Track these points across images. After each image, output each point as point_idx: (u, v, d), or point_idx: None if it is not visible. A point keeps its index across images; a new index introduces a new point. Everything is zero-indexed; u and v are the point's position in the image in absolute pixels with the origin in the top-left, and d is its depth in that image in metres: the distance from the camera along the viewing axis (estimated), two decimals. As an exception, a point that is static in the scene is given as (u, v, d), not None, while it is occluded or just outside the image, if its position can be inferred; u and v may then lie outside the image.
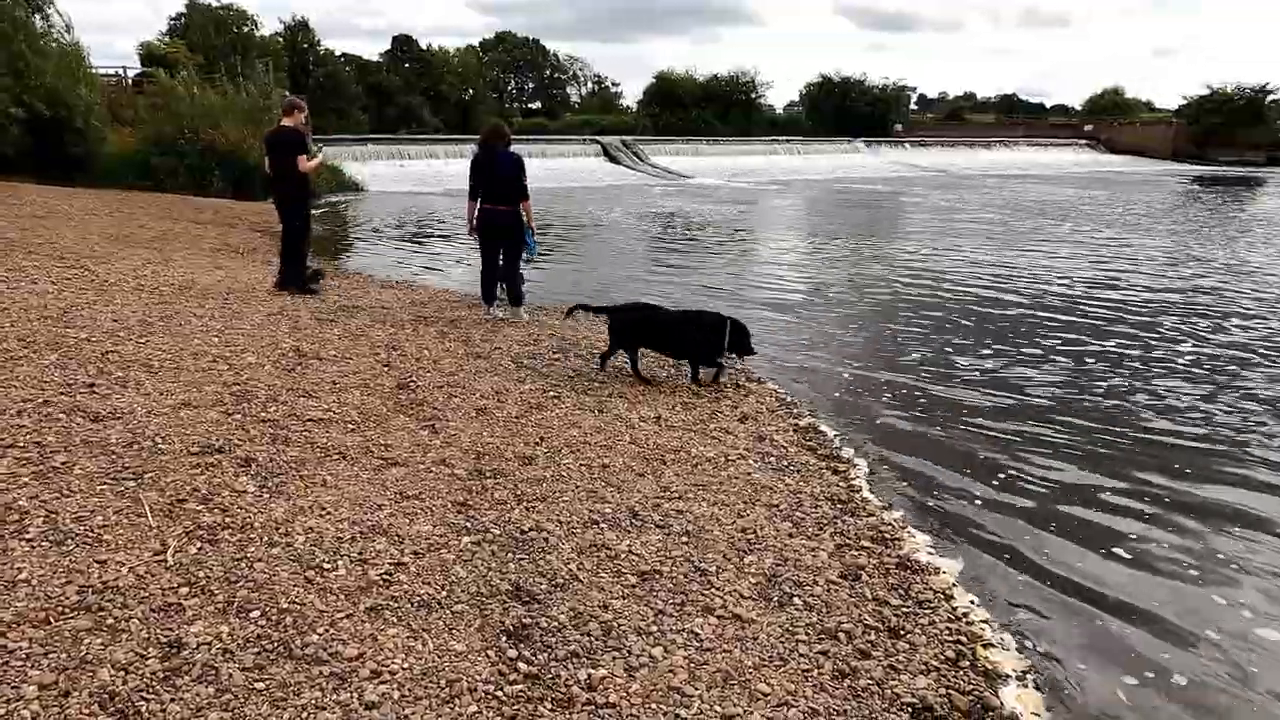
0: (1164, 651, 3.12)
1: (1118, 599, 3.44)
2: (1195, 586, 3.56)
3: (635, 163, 34.50)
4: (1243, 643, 3.18)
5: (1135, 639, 3.19)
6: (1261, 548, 3.86)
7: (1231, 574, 3.66)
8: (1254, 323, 8.51)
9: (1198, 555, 3.81)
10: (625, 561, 3.34)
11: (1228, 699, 2.87)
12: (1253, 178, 38.13)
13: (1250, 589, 3.54)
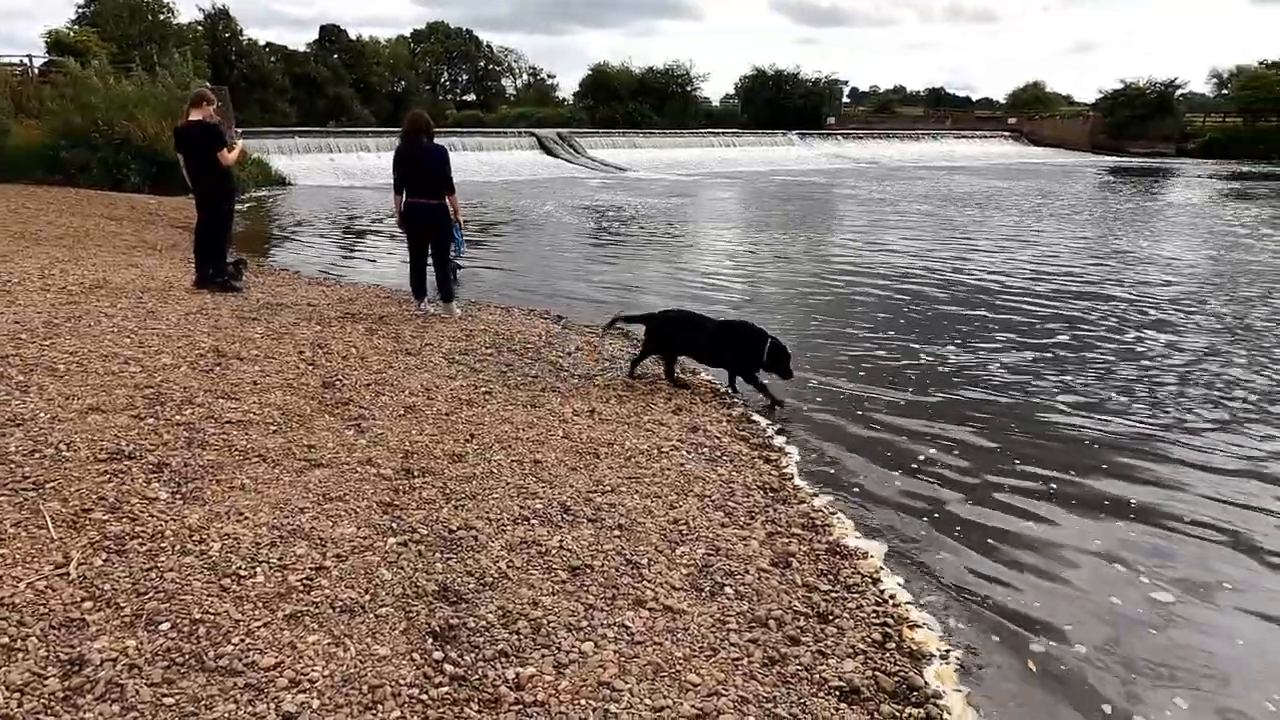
0: (1068, 623, 3.24)
1: (1029, 578, 3.56)
2: (1098, 567, 3.68)
3: (572, 156, 34.29)
4: (1137, 615, 3.32)
5: (1043, 614, 3.29)
6: (1160, 534, 4.00)
7: (1130, 557, 3.80)
8: (1168, 315, 8.88)
9: (1101, 539, 3.95)
10: (556, 557, 3.30)
11: (1120, 665, 2.99)
12: (1164, 168, 39.92)
13: (1148, 571, 3.69)
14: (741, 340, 5.65)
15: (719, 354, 5.79)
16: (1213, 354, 7.03)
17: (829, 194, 24.22)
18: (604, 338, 7.02)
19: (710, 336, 5.73)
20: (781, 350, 5.57)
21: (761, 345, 5.55)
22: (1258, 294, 9.66)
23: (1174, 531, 3.98)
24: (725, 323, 5.90)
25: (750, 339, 5.63)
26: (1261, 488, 4.44)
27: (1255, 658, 3.07)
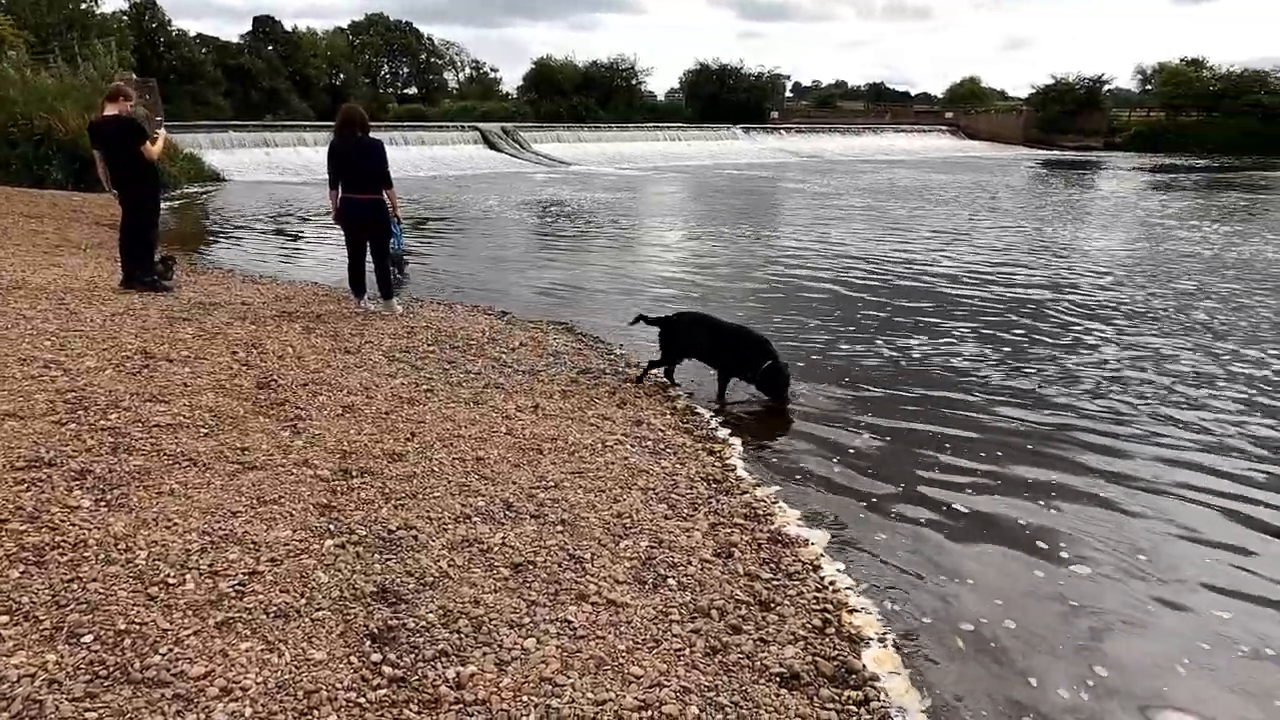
0: (997, 599, 3.35)
1: (963, 561, 3.65)
2: (1026, 548, 3.78)
3: (517, 150, 33.96)
4: (1060, 592, 3.43)
5: (975, 594, 3.39)
6: (1084, 516, 4.13)
7: (1055, 538, 3.92)
8: (1102, 307, 9.20)
9: (1029, 521, 4.07)
10: (498, 555, 3.28)
11: (1043, 639, 3.10)
12: (1093, 162, 41.30)
13: (1070, 550, 3.82)
14: (740, 346, 5.56)
15: (720, 358, 5.68)
16: (1143, 345, 7.29)
17: (775, 188, 24.47)
18: (548, 334, 6.99)
19: (721, 339, 5.65)
20: (778, 373, 5.44)
21: (758, 359, 5.45)
22: (1193, 286, 10.03)
23: (1096, 514, 4.12)
24: (732, 328, 5.79)
25: (749, 347, 5.53)
26: (1180, 472, 4.62)
27: (1167, 627, 3.20)
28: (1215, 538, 3.86)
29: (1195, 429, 5.22)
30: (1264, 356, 6.81)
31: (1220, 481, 4.44)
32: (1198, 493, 4.30)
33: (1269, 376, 6.26)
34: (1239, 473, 4.58)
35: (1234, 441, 5.01)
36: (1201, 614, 3.29)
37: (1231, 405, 5.64)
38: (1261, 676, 2.91)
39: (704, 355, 5.76)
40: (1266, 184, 27.46)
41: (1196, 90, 51.11)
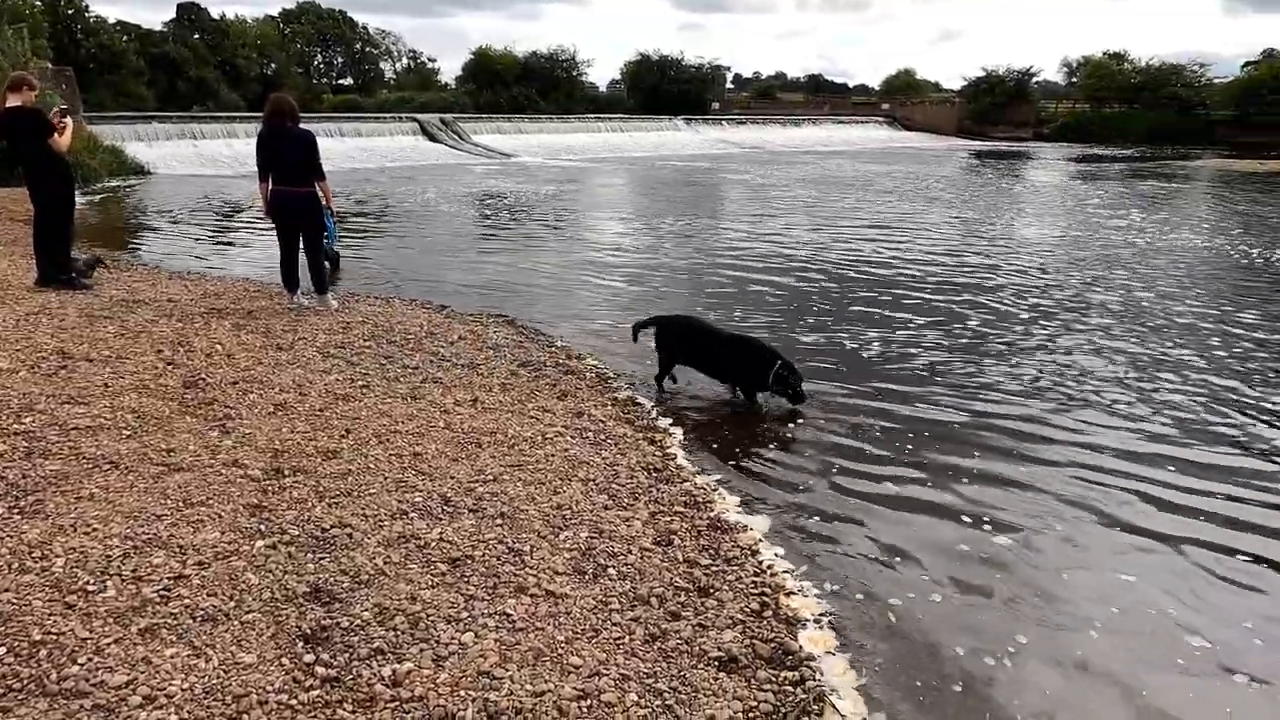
0: (924, 575, 3.46)
1: (894, 541, 3.74)
2: (953, 528, 3.89)
3: (457, 142, 33.50)
4: (984, 567, 3.55)
5: (904, 572, 3.48)
6: (1010, 498, 4.26)
7: (981, 518, 4.04)
8: (1038, 296, 9.49)
9: (957, 502, 4.18)
10: (436, 550, 3.24)
11: (968, 611, 3.21)
12: (1023, 152, 42.57)
13: (997, 528, 3.95)
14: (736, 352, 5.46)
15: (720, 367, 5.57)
16: (1077, 334, 7.55)
17: (718, 179, 24.62)
18: (488, 327, 6.92)
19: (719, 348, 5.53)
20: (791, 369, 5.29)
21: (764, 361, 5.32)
22: (1128, 275, 10.42)
23: (1021, 493, 4.25)
24: (736, 335, 5.70)
25: (746, 352, 5.42)
26: (1102, 457, 4.79)
27: (1082, 595, 3.33)
28: (1128, 517, 4.02)
29: (1121, 414, 5.42)
30: (1196, 345, 7.13)
31: (1139, 466, 4.60)
32: (1119, 477, 4.42)
33: (1200, 364, 6.52)
34: (1156, 455, 4.78)
35: (1156, 427, 5.23)
36: (1113, 583, 3.43)
37: (1159, 392, 5.87)
38: (1168, 638, 3.05)
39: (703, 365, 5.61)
40: (1185, 174, 28.68)
41: (1119, 83, 53.06)
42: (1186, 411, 5.39)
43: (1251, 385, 5.94)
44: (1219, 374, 6.17)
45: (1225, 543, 3.74)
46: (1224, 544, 3.73)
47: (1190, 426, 5.15)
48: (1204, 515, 3.99)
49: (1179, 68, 51.91)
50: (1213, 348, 6.88)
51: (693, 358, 5.60)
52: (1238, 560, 3.60)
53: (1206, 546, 3.71)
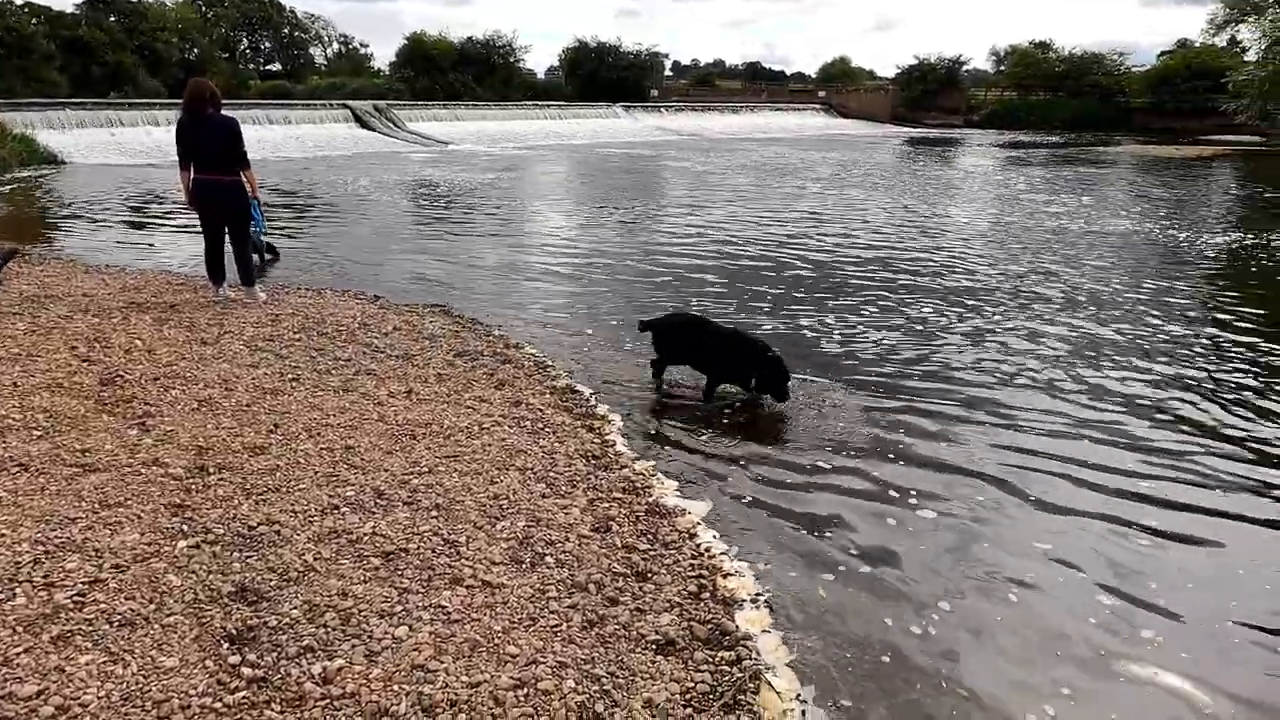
0: (853, 550, 3.54)
1: (825, 519, 3.81)
2: (880, 507, 3.97)
3: (392, 129, 32.76)
4: (907, 541, 3.65)
5: (835, 548, 3.55)
6: (932, 477, 4.37)
7: (906, 495, 4.15)
8: (974, 280, 9.74)
9: (886, 479, 4.28)
10: (368, 544, 3.18)
11: (895, 583, 3.28)
12: (955, 139, 43.62)
13: (923, 503, 4.06)
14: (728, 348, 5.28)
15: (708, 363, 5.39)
16: (1013, 316, 7.78)
17: (659, 166, 24.61)
18: (423, 317, 6.80)
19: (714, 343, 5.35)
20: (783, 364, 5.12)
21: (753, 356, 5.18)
22: (1060, 258, 10.77)
23: (946, 472, 4.36)
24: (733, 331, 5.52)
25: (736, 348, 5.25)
26: (1029, 435, 4.95)
27: (1002, 564, 3.44)
28: (1048, 491, 4.15)
29: (1050, 393, 5.59)
30: (1125, 325, 7.41)
31: (1063, 443, 4.76)
32: (1043, 455, 4.54)
33: (1126, 343, 6.74)
34: (1080, 433, 4.96)
35: (1084, 406, 5.42)
36: (1031, 552, 3.55)
37: (1088, 371, 6.08)
38: (1084, 601, 3.17)
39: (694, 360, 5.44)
40: (1107, 159, 29.74)
41: (1044, 71, 54.72)
42: (1113, 390, 5.60)
43: (1177, 363, 6.20)
44: (1145, 354, 6.42)
45: (1137, 516, 3.88)
46: (1136, 516, 3.89)
47: (1117, 404, 5.35)
48: (1121, 489, 4.15)
49: (1100, 57, 53.84)
50: (1140, 327, 7.16)
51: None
52: (1149, 531, 3.75)
53: (1120, 519, 3.86)
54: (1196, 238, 12.15)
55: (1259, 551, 3.60)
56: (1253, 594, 3.26)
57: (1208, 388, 5.59)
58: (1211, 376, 5.82)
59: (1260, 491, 4.11)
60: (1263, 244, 11.65)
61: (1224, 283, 9.26)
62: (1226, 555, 3.55)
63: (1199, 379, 5.77)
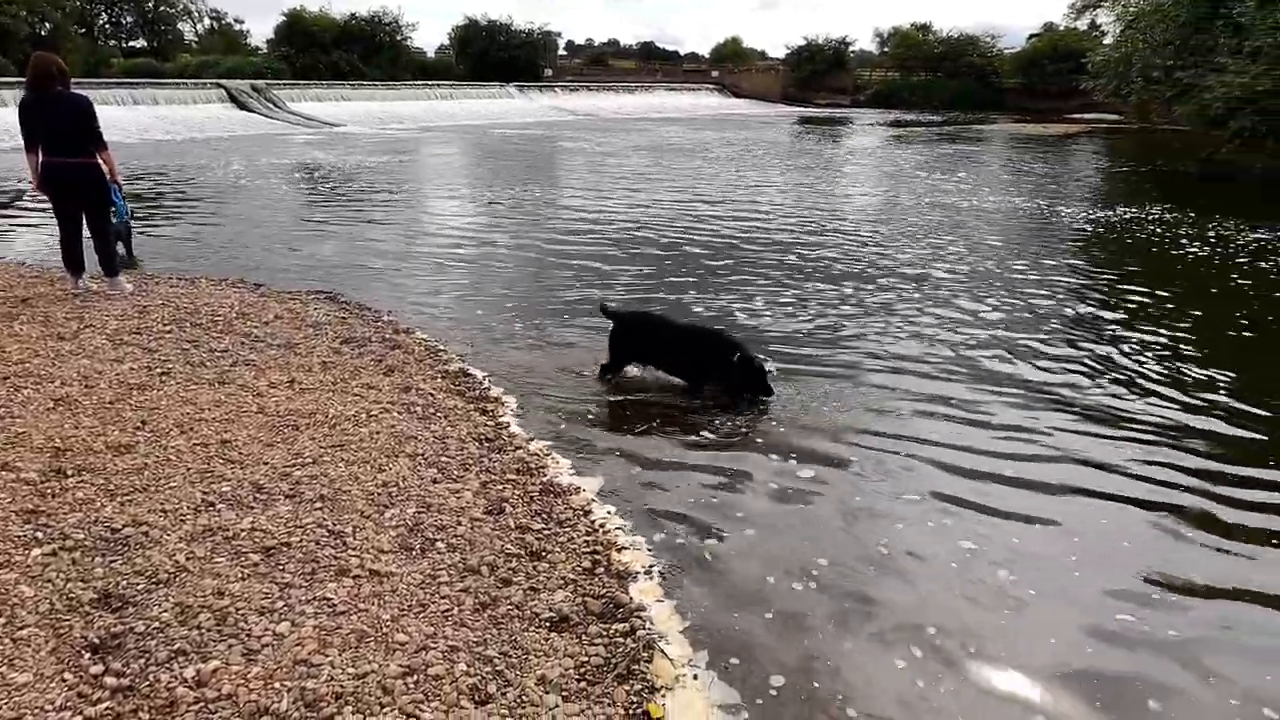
0: (739, 514, 3.64)
1: (714, 491, 3.88)
2: (762, 478, 4.09)
3: (271, 110, 31.21)
4: (790, 502, 3.78)
5: (724, 514, 3.63)
6: (821, 442, 4.55)
7: (792, 457, 4.29)
8: (861, 253, 10.05)
9: (771, 445, 4.42)
10: (247, 540, 3.05)
11: (776, 551, 3.38)
12: (843, 118, 44.97)
13: (803, 466, 4.20)
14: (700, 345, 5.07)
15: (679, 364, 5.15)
16: (904, 296, 8.08)
17: (554, 147, 24.34)
18: (308, 304, 6.54)
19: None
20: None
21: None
22: (947, 234, 11.24)
23: (830, 438, 4.52)
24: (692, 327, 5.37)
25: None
26: (910, 403, 5.19)
27: (876, 523, 3.60)
28: (925, 456, 4.37)
29: (934, 365, 5.86)
30: (1008, 297, 7.81)
31: (943, 408, 5.02)
32: (921, 420, 4.80)
33: (1029, 320, 7.10)
34: (961, 400, 5.22)
35: (967, 375, 5.70)
36: (901, 512, 3.73)
37: (972, 343, 6.39)
38: (958, 561, 3.36)
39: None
40: (984, 138, 31.28)
41: (924, 52, 56.97)
42: (993, 360, 5.91)
43: (1050, 339, 6.59)
44: (1024, 327, 6.80)
45: (1009, 484, 4.11)
46: (1009, 481, 4.13)
47: (994, 374, 5.64)
48: (995, 457, 4.38)
49: (975, 39, 56.42)
50: (1019, 302, 7.58)
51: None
52: (1017, 498, 3.98)
53: (993, 482, 4.10)
54: (1071, 212, 12.94)
55: (1091, 526, 3.64)
56: (1085, 568, 3.43)
57: (1080, 362, 5.90)
58: (1082, 349, 6.18)
59: (1112, 466, 4.22)
60: (1130, 218, 12.52)
61: (1095, 255, 9.90)
62: (1061, 532, 3.59)
63: (1073, 355, 6.05)
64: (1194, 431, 4.62)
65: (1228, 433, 4.61)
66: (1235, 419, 4.78)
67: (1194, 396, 5.11)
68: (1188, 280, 8.45)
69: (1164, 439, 4.50)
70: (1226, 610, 3.07)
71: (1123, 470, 4.12)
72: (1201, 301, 7.54)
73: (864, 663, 2.72)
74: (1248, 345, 6.29)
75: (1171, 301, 7.43)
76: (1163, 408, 4.94)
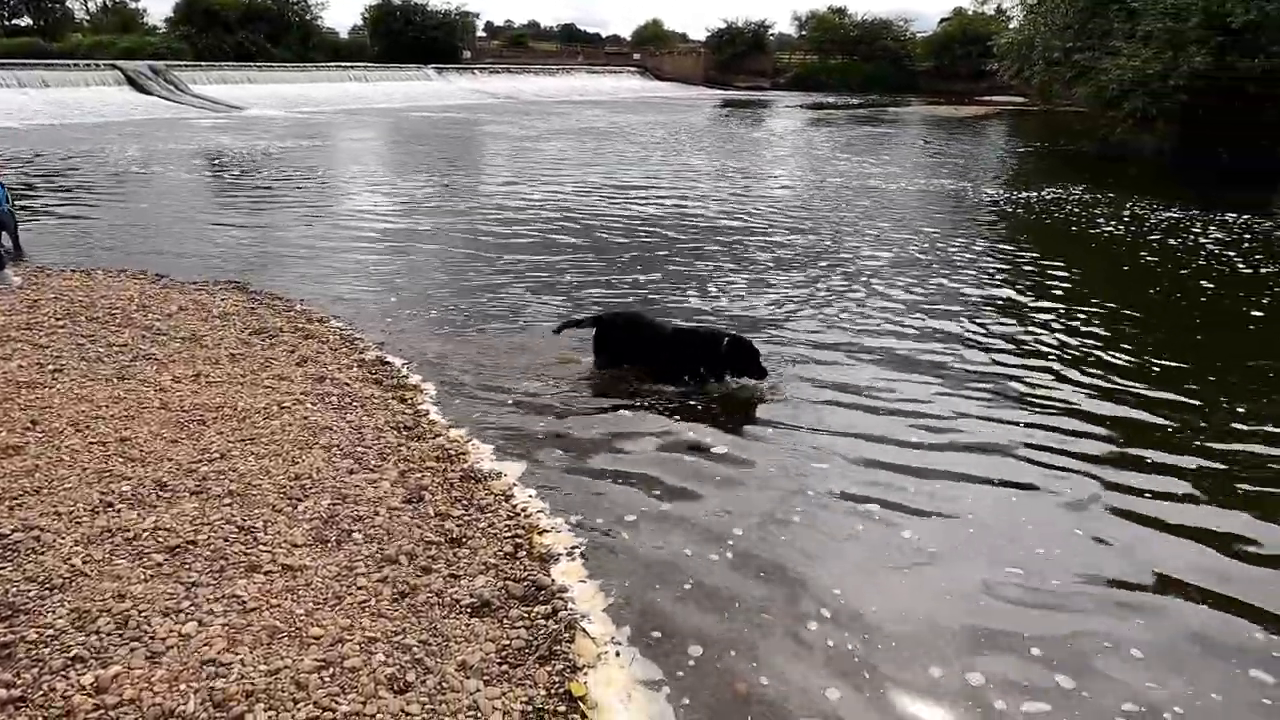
0: (656, 492, 3.69)
1: (633, 465, 3.93)
2: (678, 448, 4.16)
3: (174, 94, 29.71)
4: (702, 479, 3.84)
5: (639, 498, 3.66)
6: (730, 420, 4.63)
7: (704, 437, 4.37)
8: (784, 235, 10.19)
9: (682, 426, 4.48)
10: (150, 540, 2.93)
11: (685, 522, 3.45)
12: (764, 101, 45.43)
13: (715, 445, 4.29)
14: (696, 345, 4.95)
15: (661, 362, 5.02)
16: (825, 279, 8.22)
17: (475, 132, 23.89)
18: (215, 295, 6.28)
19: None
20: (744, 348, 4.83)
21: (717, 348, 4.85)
22: (867, 213, 11.46)
23: (738, 416, 4.61)
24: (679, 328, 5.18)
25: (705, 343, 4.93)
26: (811, 370, 5.31)
27: (782, 491, 3.68)
28: (827, 427, 4.50)
29: (843, 344, 6.02)
30: (944, 283, 8.03)
31: (852, 390, 5.16)
32: (839, 400, 4.87)
33: (946, 302, 7.23)
34: (866, 372, 5.37)
35: (875, 351, 5.86)
36: (805, 480, 3.83)
37: (889, 315, 6.58)
38: (865, 530, 3.48)
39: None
40: (900, 119, 32.09)
41: (841, 36, 57.96)
42: (911, 339, 6.09)
43: (968, 321, 6.82)
44: (942, 310, 7.02)
45: (916, 460, 4.24)
46: (916, 456, 4.28)
47: (904, 350, 5.83)
48: (904, 437, 4.51)
49: (889, 23, 57.66)
50: (941, 283, 7.82)
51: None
52: (924, 474, 4.11)
53: (901, 459, 4.24)
54: (987, 193, 13.40)
55: (993, 503, 3.73)
56: (983, 539, 3.54)
57: (991, 345, 5.99)
58: (995, 333, 6.27)
59: (1013, 449, 4.28)
60: (1043, 198, 13.01)
61: (1010, 236, 10.30)
62: (962, 508, 3.66)
63: (986, 337, 6.12)
64: (1092, 417, 4.64)
65: (1132, 417, 4.64)
66: (1141, 404, 4.82)
67: (1104, 379, 5.17)
68: (1101, 259, 8.80)
69: (1069, 420, 4.57)
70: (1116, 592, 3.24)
71: (1022, 454, 4.17)
72: (1112, 281, 7.88)
73: (777, 628, 2.80)
74: (1155, 324, 6.48)
75: (1084, 282, 7.65)
76: (1072, 390, 4.99)
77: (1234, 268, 8.26)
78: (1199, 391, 4.98)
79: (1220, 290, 7.41)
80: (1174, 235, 9.82)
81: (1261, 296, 7.21)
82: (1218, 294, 7.30)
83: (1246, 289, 7.45)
